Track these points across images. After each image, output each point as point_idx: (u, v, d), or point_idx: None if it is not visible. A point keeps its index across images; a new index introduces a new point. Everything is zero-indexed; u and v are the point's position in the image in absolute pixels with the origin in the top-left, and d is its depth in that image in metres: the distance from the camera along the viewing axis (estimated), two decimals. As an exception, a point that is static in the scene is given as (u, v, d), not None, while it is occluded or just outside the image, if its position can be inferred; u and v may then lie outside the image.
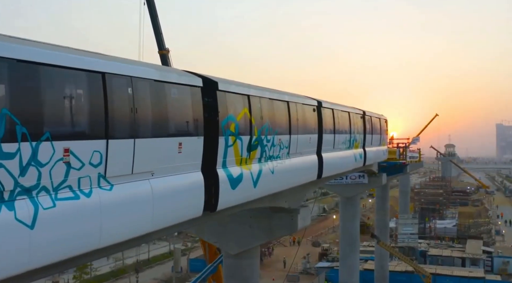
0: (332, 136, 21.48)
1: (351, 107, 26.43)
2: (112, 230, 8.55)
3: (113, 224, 8.54)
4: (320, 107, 19.99)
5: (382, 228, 53.47)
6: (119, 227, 8.73)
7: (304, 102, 18.37)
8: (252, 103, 13.76)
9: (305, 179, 18.53)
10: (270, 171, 15.00)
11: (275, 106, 15.66)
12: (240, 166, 13.24)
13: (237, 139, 12.94)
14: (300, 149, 17.63)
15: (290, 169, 16.65)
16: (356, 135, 25.95)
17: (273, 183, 15.27)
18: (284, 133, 16.27)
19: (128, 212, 8.92)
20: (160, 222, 9.89)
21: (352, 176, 37.84)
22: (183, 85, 10.69)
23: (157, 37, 38.20)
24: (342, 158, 23.16)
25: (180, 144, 10.43)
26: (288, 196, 19.21)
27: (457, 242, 76.20)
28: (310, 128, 18.87)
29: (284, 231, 19.89)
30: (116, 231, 8.66)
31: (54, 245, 7.44)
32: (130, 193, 9.00)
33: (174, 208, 10.32)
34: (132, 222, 9.03)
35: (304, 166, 18.05)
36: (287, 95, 16.97)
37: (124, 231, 8.85)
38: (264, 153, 14.61)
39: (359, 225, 39.52)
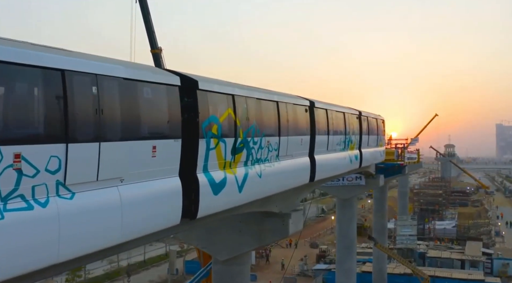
0: (325, 137, 20.70)
1: (346, 108, 25.64)
2: (73, 243, 7.77)
3: (74, 236, 7.76)
4: (312, 108, 19.22)
5: (380, 230, 52.68)
6: (81, 239, 7.94)
7: (295, 102, 17.59)
8: (237, 103, 12.98)
9: (296, 182, 17.74)
10: (257, 174, 14.22)
11: (263, 106, 14.88)
12: (224, 170, 12.46)
13: (220, 142, 12.16)
14: (291, 151, 16.85)
15: (280, 172, 15.87)
16: (352, 137, 25.18)
17: (260, 187, 14.49)
18: (273, 135, 15.49)
19: (92, 223, 8.13)
20: (130, 232, 9.10)
21: (349, 178, 37.11)
22: (157, 84, 9.90)
23: (149, 36, 37.44)
24: (336, 160, 22.38)
25: (154, 147, 9.65)
26: (279, 200, 18.43)
27: (456, 243, 75.45)
28: (301, 130, 18.09)
29: (275, 237, 19.11)
30: (78, 243, 7.88)
31: (2, 262, 6.67)
32: (95, 201, 8.22)
33: (147, 217, 9.54)
34: (96, 233, 8.24)
35: (295, 168, 17.28)
36: (276, 95, 16.20)
37: (86, 244, 8.07)
38: (250, 156, 13.83)
39: (356, 228, 38.74)
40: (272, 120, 15.56)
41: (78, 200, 7.85)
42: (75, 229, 7.78)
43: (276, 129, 15.65)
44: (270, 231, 18.75)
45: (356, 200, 39.19)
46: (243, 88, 13.89)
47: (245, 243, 18.90)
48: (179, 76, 10.71)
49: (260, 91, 15.11)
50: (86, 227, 8.00)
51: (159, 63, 37.54)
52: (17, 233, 6.88)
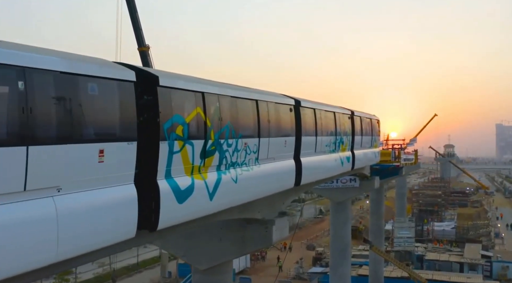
0: (313, 139, 19.50)
1: (337, 107, 24.45)
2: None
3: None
4: (298, 107, 18.01)
5: (376, 232, 51.55)
6: (3, 261, 6.75)
7: (277, 101, 16.38)
8: (207, 102, 11.76)
9: (278, 187, 16.52)
10: (232, 179, 13.02)
11: (239, 105, 13.68)
12: (191, 176, 11.25)
13: (187, 145, 10.94)
14: (273, 153, 15.65)
15: (259, 177, 14.66)
16: (343, 137, 23.97)
17: (236, 194, 13.28)
18: (252, 136, 14.29)
19: (16, 240, 6.93)
20: (69, 249, 7.90)
21: (343, 180, 35.93)
22: (105, 79, 8.67)
23: (136, 33, 36.38)
24: (325, 162, 21.18)
25: (101, 151, 8.43)
26: (261, 205, 17.25)
27: (455, 245, 74.35)
28: (285, 131, 16.90)
29: (258, 245, 17.92)
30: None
31: None
32: (20, 215, 7.01)
33: (92, 231, 8.33)
34: (21, 252, 7.04)
35: (277, 172, 16.07)
36: (256, 93, 14.98)
37: (7, 266, 6.86)
38: (224, 159, 12.62)
39: (350, 231, 37.53)
40: (251, 121, 14.37)
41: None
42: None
43: (255, 130, 14.45)
44: (252, 238, 17.59)
45: (350, 202, 38.00)
46: (216, 85, 12.67)
47: (226, 251, 17.74)
48: (134, 70, 9.49)
49: (236, 89, 13.90)
50: (6, 246, 6.80)
51: (147, 62, 36.47)
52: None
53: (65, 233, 7.68)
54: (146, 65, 36.38)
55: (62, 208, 7.65)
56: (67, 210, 7.76)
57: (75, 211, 7.93)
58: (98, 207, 8.43)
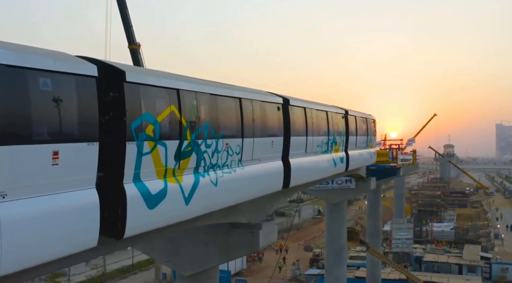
0: (303, 139, 18.71)
1: (330, 106, 23.66)
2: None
3: None
4: (287, 106, 17.22)
5: (374, 234, 50.76)
6: None
7: (264, 99, 15.58)
8: (183, 99, 10.96)
9: (264, 190, 15.71)
10: (212, 182, 12.22)
11: (220, 104, 12.88)
12: (164, 179, 10.45)
13: (158, 145, 10.14)
14: (258, 154, 14.85)
15: (243, 179, 13.86)
16: (336, 137, 23.18)
17: (216, 198, 12.49)
18: (234, 136, 13.49)
19: None
20: (15, 262, 7.10)
21: (339, 181, 35.15)
22: (61, 73, 7.87)
23: (126, 31, 35.57)
24: (317, 163, 20.38)
25: (55, 153, 7.64)
26: (247, 209, 16.46)
27: (454, 246, 73.59)
28: (272, 130, 16.10)
29: (244, 250, 17.13)
30: None
31: None
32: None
33: (43, 241, 7.54)
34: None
35: (263, 174, 15.27)
36: (239, 90, 14.17)
37: None
38: (202, 161, 11.82)
39: (346, 233, 36.74)
40: (233, 120, 13.57)
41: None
42: None
43: (238, 130, 13.65)
44: (238, 243, 16.80)
45: (345, 204, 37.20)
46: (193, 82, 11.86)
47: (211, 257, 16.97)
48: (97, 65, 8.67)
49: (216, 86, 13.09)
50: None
51: (138, 59, 35.71)
52: None
53: (9, 244, 6.89)
54: (136, 63, 35.67)
55: (6, 217, 6.86)
56: (13, 218, 6.97)
57: (22, 220, 7.14)
58: (51, 214, 7.64)
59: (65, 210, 7.90)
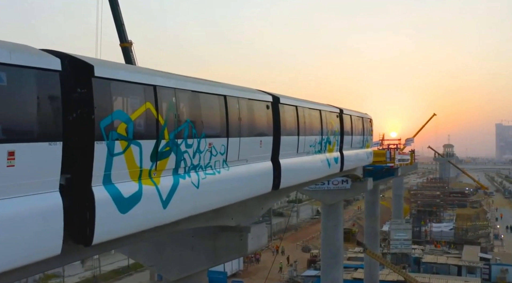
0: (294, 138, 18.05)
1: (324, 105, 22.99)
2: None
3: None
4: (277, 104, 16.56)
5: (372, 235, 50.10)
6: None
7: (251, 97, 14.91)
8: (160, 96, 10.30)
9: (252, 192, 15.03)
10: (193, 184, 11.56)
11: (203, 101, 12.22)
12: (139, 181, 9.79)
13: (132, 145, 9.48)
14: (245, 154, 14.19)
15: (228, 181, 13.20)
16: (330, 137, 22.52)
17: (198, 200, 11.82)
18: (219, 136, 12.83)
19: None
20: None
21: (335, 181, 34.50)
22: (20, 67, 7.22)
23: (118, 29, 34.88)
24: (309, 164, 19.71)
25: (10, 153, 6.99)
26: (235, 211, 15.81)
27: (453, 247, 72.91)
28: (261, 130, 15.44)
29: (232, 254, 16.45)
30: None
31: None
32: None
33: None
34: None
35: (250, 175, 14.61)
36: (224, 88, 13.51)
37: None
38: (182, 162, 11.16)
39: (342, 235, 36.07)
40: (217, 119, 12.91)
41: None
42: None
43: (223, 129, 12.99)
44: (226, 247, 16.14)
45: (342, 205, 36.52)
46: (172, 78, 11.18)
47: (198, 261, 16.31)
48: (61, 58, 8.01)
49: (199, 83, 12.42)
50: None
51: (129, 58, 35.02)
52: None
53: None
54: (128, 62, 34.99)
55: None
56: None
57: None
58: (6, 220, 6.98)
59: (23, 215, 7.24)
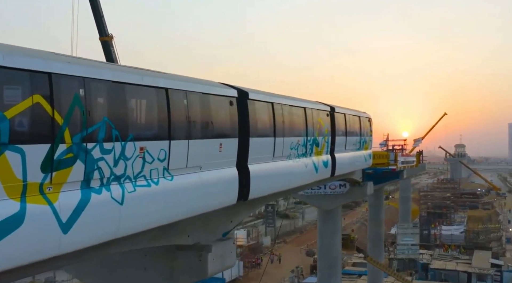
0: (269, 141, 15.58)
1: (311, 102, 20.48)
2: None
3: None
4: (244, 100, 14.09)
5: (375, 240, 47.49)
6: None
7: (206, 91, 12.43)
8: (56, 88, 7.86)
9: (206, 206, 12.51)
10: (115, 200, 9.12)
11: (131, 96, 9.80)
12: (22, 199, 7.37)
13: (8, 152, 7.08)
14: (197, 160, 11.74)
15: (169, 194, 10.75)
16: (318, 138, 20.00)
17: (122, 221, 9.37)
18: (156, 138, 10.38)
19: None
20: None
21: (332, 186, 31.99)
22: None
23: (97, 21, 32.53)
24: (290, 169, 17.23)
25: None
26: (193, 227, 13.38)
27: (463, 251, 69.91)
28: (220, 130, 12.98)
29: (191, 276, 13.95)
30: None
31: None
32: None
33: None
34: None
35: (205, 185, 12.13)
36: (166, 79, 11.02)
37: None
38: (96, 172, 8.71)
39: (340, 244, 33.48)
40: (153, 117, 10.47)
41: None
42: None
43: (162, 130, 10.53)
44: (184, 268, 13.73)
45: (340, 210, 33.96)
46: (81, 64, 8.70)
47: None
48: None
49: (125, 71, 9.93)
50: None
51: (110, 53, 32.69)
52: None
53: None
54: (109, 56, 32.69)
55: None
56: None
57: None
58: None
59: None
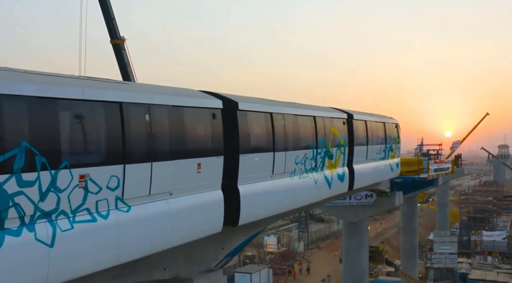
0: (266, 156, 13.69)
1: (323, 109, 18.48)
2: None
3: None
4: (231, 112, 12.22)
5: (409, 251, 44.97)
6: None
7: (180, 103, 10.59)
8: None
9: (179, 238, 10.66)
10: (41, 242, 7.39)
11: (65, 112, 8.06)
12: None
13: None
14: (165, 186, 9.94)
15: (123, 228, 8.96)
16: (332, 150, 17.98)
17: (47, 266, 7.61)
18: (105, 163, 8.61)
19: None
20: None
21: (357, 196, 29.85)
22: None
23: (108, 24, 31.13)
24: (295, 187, 15.29)
25: None
26: (171, 258, 11.59)
27: (506, 260, 66.39)
28: (199, 148, 11.16)
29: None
30: None
31: None
32: None
33: None
34: None
35: (177, 214, 10.32)
36: (117, 91, 9.21)
37: None
38: (10, 211, 6.99)
39: (367, 259, 31.23)
40: (99, 138, 8.69)
41: None
42: None
43: (113, 152, 8.76)
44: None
45: (367, 223, 31.72)
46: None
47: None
48: None
49: (49, 83, 8.16)
50: None
51: (122, 56, 31.24)
52: None
53: None
54: (120, 61, 31.25)
55: None
56: None
57: None
58: None
59: None
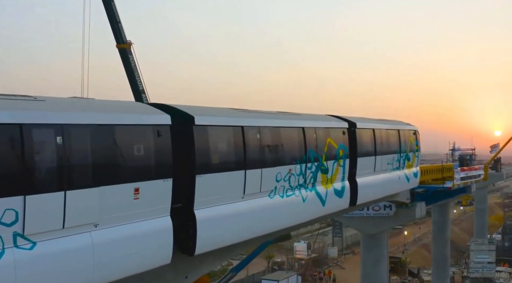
0: (235, 175, 12.28)
1: (315, 119, 16.96)
2: None
3: None
4: (187, 127, 10.87)
5: (440, 261, 42.60)
6: None
7: (106, 121, 9.28)
8: None
9: (104, 276, 9.33)
10: None
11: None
12: None
13: None
14: (85, 217, 8.66)
15: (23, 270, 7.71)
16: (326, 163, 16.41)
17: None
18: (2, 194, 7.38)
19: None
20: None
21: (375, 207, 28.07)
22: None
23: (113, 28, 30.15)
24: (270, 208, 13.79)
25: None
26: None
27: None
28: (138, 171, 9.84)
29: None
30: None
31: None
32: None
33: None
34: None
35: (104, 249, 9.02)
36: (17, 107, 7.98)
37: None
38: None
39: (387, 273, 29.40)
40: None
41: None
42: None
43: (7, 183, 7.52)
44: None
45: (387, 235, 29.85)
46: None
47: None
48: None
49: None
50: None
51: (128, 61, 30.21)
52: None
53: None
54: (127, 65, 30.23)
55: None
56: None
57: None
58: None
59: None
